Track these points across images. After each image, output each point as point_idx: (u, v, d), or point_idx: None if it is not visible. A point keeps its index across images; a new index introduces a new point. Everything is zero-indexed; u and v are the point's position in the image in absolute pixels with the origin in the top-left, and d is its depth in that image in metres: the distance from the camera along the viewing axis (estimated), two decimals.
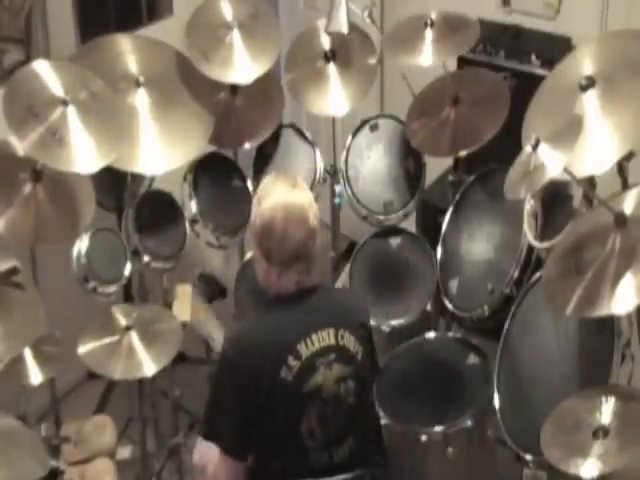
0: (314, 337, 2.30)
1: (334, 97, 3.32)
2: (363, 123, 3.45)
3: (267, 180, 2.39)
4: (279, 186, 2.32)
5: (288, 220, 2.25)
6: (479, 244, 3.07)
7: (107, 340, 2.77)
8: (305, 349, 2.29)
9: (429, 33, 3.08)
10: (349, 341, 2.36)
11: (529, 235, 2.73)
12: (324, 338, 2.32)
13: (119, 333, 2.78)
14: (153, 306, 3.06)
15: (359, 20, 3.34)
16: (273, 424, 2.30)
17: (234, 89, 3.32)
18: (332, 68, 3.33)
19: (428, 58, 3.06)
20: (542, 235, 2.70)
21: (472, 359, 2.68)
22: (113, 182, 3.12)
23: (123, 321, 2.82)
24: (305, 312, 2.34)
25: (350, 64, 3.33)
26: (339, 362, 2.34)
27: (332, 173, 3.45)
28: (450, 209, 3.19)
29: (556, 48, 3.49)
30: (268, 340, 2.30)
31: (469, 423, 2.46)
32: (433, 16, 3.10)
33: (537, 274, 2.61)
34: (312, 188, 3.21)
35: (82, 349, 2.74)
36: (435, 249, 3.18)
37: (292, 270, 2.30)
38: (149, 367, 2.75)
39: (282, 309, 2.35)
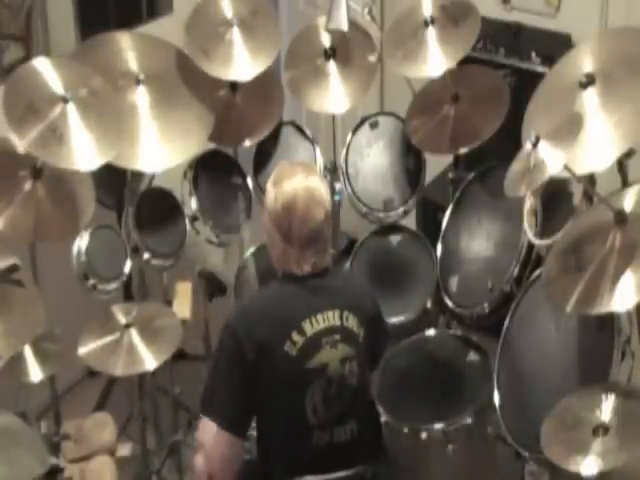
0: (319, 317, 2.34)
1: (334, 95, 3.31)
2: (363, 120, 3.44)
3: (282, 166, 2.49)
4: (297, 170, 2.41)
5: (309, 199, 2.34)
6: (479, 242, 3.07)
7: (107, 338, 2.77)
8: (310, 327, 2.32)
9: (431, 32, 3.07)
10: (353, 323, 2.39)
11: (529, 233, 2.74)
12: (329, 318, 2.35)
13: (119, 331, 2.78)
14: (153, 303, 3.06)
15: (359, 18, 3.33)
16: (277, 399, 2.33)
17: (234, 86, 3.31)
18: (332, 66, 3.32)
19: (434, 67, 3.04)
20: (542, 232, 2.70)
21: (472, 356, 2.69)
22: (113, 179, 3.12)
23: (123, 319, 2.82)
24: (312, 292, 2.38)
25: (350, 62, 3.32)
26: (344, 342, 2.37)
27: (332, 170, 3.44)
28: (450, 207, 3.19)
29: (556, 46, 3.47)
30: (271, 312, 2.36)
31: (469, 420, 2.46)
32: (431, 10, 3.09)
33: (537, 272, 2.61)
34: None
35: (82, 348, 2.74)
36: (435, 247, 3.18)
37: (310, 252, 2.36)
38: (150, 363, 2.75)
39: (289, 287, 2.39)
